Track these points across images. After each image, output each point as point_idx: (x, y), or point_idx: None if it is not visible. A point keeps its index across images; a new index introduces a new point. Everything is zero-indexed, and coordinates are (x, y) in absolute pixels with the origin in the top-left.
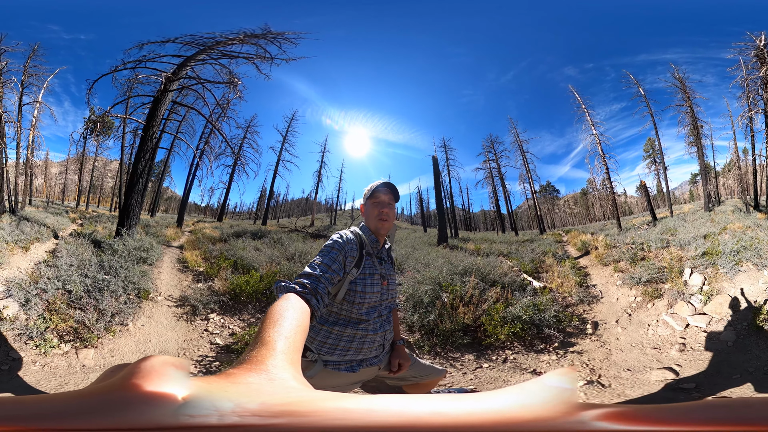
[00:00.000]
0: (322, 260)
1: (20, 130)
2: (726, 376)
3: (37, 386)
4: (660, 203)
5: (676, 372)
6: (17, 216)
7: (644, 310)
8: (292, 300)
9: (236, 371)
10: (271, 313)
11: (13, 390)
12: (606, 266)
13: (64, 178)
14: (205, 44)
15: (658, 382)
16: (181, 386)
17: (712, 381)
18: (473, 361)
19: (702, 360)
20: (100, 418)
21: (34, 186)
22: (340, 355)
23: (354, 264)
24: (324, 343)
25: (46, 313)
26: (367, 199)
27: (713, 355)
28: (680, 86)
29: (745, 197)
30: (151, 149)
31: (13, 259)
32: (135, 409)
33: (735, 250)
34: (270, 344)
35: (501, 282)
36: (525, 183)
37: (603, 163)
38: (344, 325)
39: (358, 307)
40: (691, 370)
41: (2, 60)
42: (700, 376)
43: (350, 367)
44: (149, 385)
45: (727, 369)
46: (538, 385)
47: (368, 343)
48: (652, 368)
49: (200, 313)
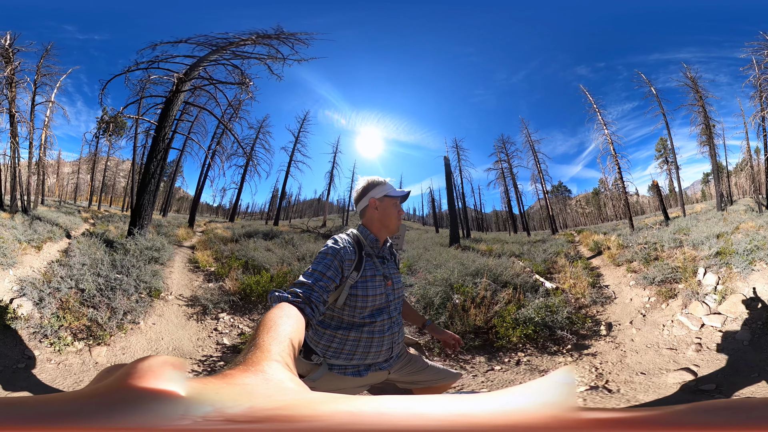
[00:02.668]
0: (315, 268)
1: (33, 130)
2: (744, 375)
3: (53, 384)
4: (672, 203)
5: (695, 373)
6: (30, 215)
7: (658, 310)
8: (286, 308)
9: (233, 372)
10: (264, 320)
11: (29, 388)
12: (619, 266)
13: (76, 177)
14: (217, 45)
15: (674, 385)
16: (178, 386)
17: (730, 380)
18: (484, 363)
19: (719, 360)
20: (98, 418)
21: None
22: (345, 359)
23: (353, 267)
24: (328, 346)
25: (60, 311)
26: (385, 197)
27: (730, 354)
28: (692, 86)
29: (758, 197)
30: (163, 149)
31: (26, 258)
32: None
33: (748, 249)
34: (265, 348)
35: (513, 283)
36: (537, 183)
37: (615, 162)
38: (347, 328)
39: (361, 311)
40: (708, 370)
41: (16, 60)
42: (719, 376)
43: (357, 371)
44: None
45: (744, 368)
46: (547, 382)
47: (375, 346)
48: (669, 370)
49: (210, 313)
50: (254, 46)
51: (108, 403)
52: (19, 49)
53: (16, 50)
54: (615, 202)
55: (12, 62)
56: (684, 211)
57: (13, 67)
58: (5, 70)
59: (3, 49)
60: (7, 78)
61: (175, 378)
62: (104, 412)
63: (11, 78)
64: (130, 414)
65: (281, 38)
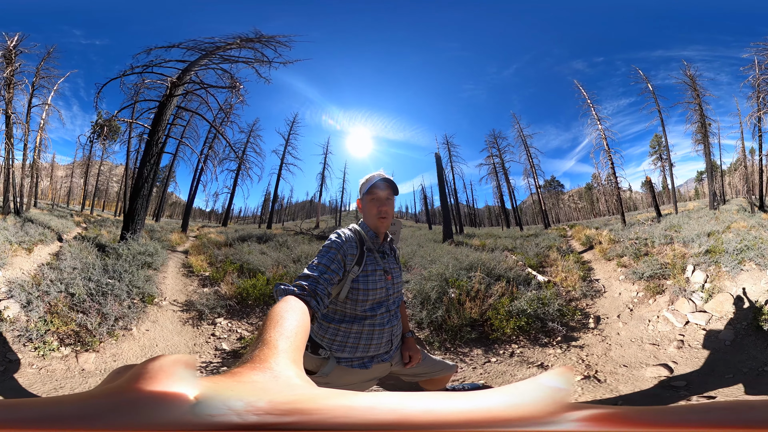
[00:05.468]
0: (320, 261)
1: (28, 132)
2: (719, 375)
3: (29, 389)
4: (665, 200)
5: (671, 369)
6: (22, 217)
7: (646, 305)
8: (292, 302)
9: (241, 370)
10: (271, 315)
11: (5, 392)
12: (609, 261)
13: (69, 181)
14: (206, 49)
15: (651, 379)
16: (190, 386)
17: (703, 380)
18: (482, 355)
19: (698, 358)
20: (111, 420)
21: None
22: (350, 351)
23: (355, 262)
24: (333, 340)
25: (48, 315)
26: (364, 194)
27: (710, 353)
28: (690, 83)
29: (750, 197)
30: (157, 154)
31: (16, 260)
32: (146, 409)
33: (738, 249)
34: (272, 344)
35: (506, 276)
36: (529, 178)
37: (608, 158)
38: (350, 322)
39: (362, 304)
40: (685, 368)
41: (17, 61)
42: (693, 375)
43: (362, 363)
44: (159, 386)
45: (721, 368)
46: (533, 384)
47: (376, 338)
48: (648, 364)
49: (207, 318)
50: (240, 50)
51: (120, 404)
52: (22, 51)
53: (20, 52)
54: (608, 198)
55: (13, 63)
56: (676, 209)
57: (13, 69)
58: (5, 71)
59: (6, 50)
60: (6, 79)
61: (187, 377)
62: (116, 413)
63: (10, 79)
64: (143, 415)
65: (263, 41)
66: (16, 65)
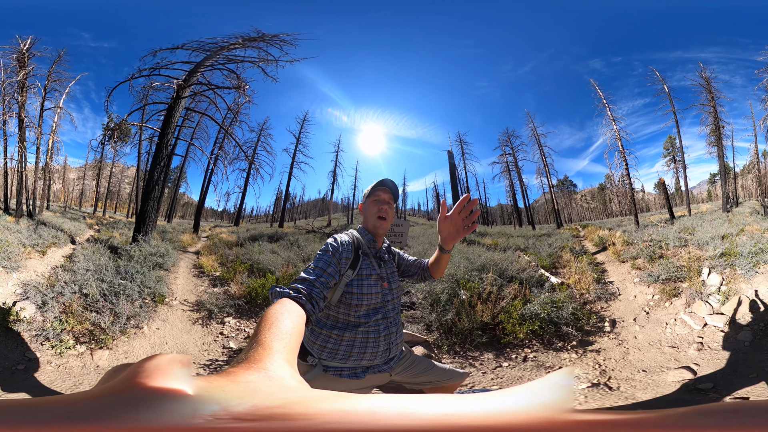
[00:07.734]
0: (316, 265)
1: (41, 135)
2: (743, 375)
3: (51, 386)
4: (678, 201)
5: (694, 371)
6: (35, 220)
7: (662, 308)
8: (287, 304)
9: (235, 370)
10: (266, 316)
11: (28, 390)
12: (623, 263)
13: (81, 183)
14: (210, 49)
15: (674, 383)
16: (185, 384)
17: (729, 380)
18: (492, 360)
19: (719, 359)
20: (106, 418)
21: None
22: (341, 360)
23: (349, 265)
24: (324, 347)
25: (63, 315)
26: (367, 197)
27: (731, 354)
28: (705, 86)
29: (763, 200)
30: (167, 156)
31: (30, 262)
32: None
33: (753, 252)
34: (267, 345)
35: (519, 278)
36: (542, 177)
37: (622, 158)
38: (342, 328)
39: (356, 310)
40: (708, 369)
41: (30, 65)
42: (717, 376)
43: (354, 374)
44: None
45: (744, 368)
46: (544, 383)
47: (371, 347)
48: (669, 368)
49: (216, 317)
50: (244, 49)
51: (116, 403)
52: (34, 54)
53: (32, 55)
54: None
55: (26, 67)
56: (690, 211)
57: (26, 72)
58: (18, 75)
59: (20, 53)
60: (20, 82)
61: (182, 376)
62: (113, 412)
63: (23, 82)
64: (139, 413)
65: (266, 40)
66: (29, 68)
